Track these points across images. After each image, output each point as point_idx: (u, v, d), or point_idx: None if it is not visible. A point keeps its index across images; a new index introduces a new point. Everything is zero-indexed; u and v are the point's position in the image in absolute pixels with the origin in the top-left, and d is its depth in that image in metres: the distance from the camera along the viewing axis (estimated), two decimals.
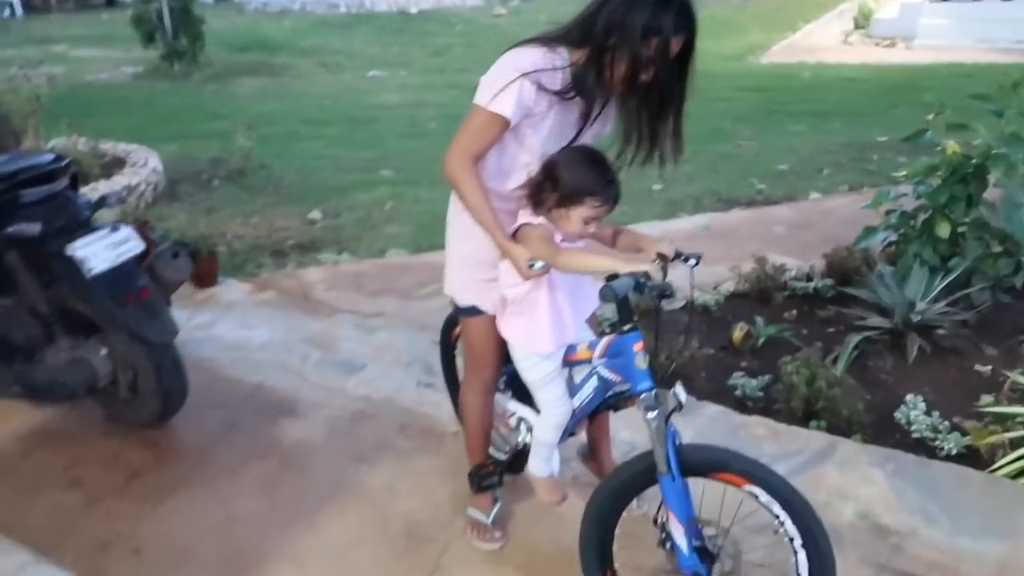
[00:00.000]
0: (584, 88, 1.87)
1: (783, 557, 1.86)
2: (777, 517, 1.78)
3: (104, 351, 2.80)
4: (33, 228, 2.48)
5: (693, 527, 1.90)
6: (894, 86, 9.03)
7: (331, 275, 4.43)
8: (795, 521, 1.77)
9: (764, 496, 1.78)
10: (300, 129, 8.28)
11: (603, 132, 2.11)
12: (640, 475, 1.92)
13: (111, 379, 2.86)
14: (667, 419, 1.87)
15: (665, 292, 1.78)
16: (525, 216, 1.97)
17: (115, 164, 5.95)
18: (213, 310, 3.96)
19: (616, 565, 2.03)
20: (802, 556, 1.77)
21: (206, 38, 11.81)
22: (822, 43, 12.59)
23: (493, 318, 2.15)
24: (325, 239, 5.05)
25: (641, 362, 1.90)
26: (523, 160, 1.99)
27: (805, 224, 4.88)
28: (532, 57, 1.86)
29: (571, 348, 2.11)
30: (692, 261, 1.99)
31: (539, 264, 1.87)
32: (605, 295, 1.80)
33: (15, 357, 2.70)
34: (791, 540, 1.78)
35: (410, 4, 18.52)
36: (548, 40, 1.90)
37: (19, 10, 19.05)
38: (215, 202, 5.82)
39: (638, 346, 1.91)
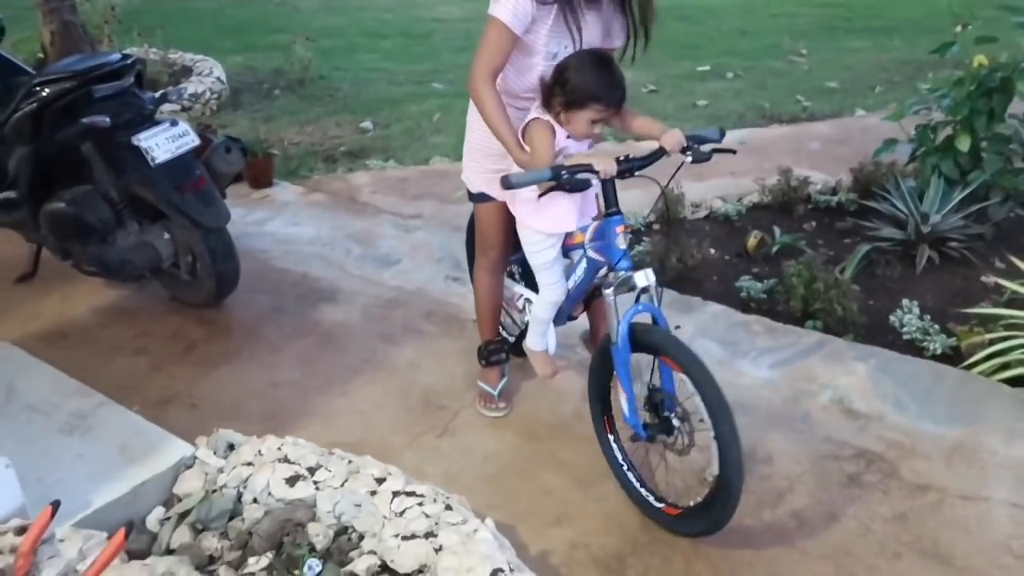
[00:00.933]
0: None
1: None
2: (699, 405, 1.96)
3: (166, 235, 3.16)
4: (104, 120, 2.80)
5: (635, 392, 2.14)
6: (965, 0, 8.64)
7: (377, 179, 4.71)
8: (709, 412, 1.92)
9: (690, 385, 1.98)
10: (359, 42, 8.47)
11: (615, 45, 2.26)
12: (608, 344, 2.17)
13: (173, 261, 3.22)
14: (637, 298, 2.09)
15: (579, 186, 1.97)
16: (535, 112, 2.16)
17: (183, 73, 6.29)
18: (267, 209, 4.30)
19: (613, 412, 2.32)
20: (714, 447, 1.93)
21: None
22: None
23: (501, 204, 2.39)
24: (375, 147, 5.31)
25: (621, 243, 2.11)
26: (534, 62, 2.17)
27: (842, 140, 4.91)
28: None
29: (569, 234, 2.33)
30: (689, 157, 2.13)
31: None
32: (503, 183, 1.98)
33: (91, 238, 3.07)
34: (709, 430, 1.95)
35: None
36: None
37: None
38: (274, 111, 6.12)
39: (619, 229, 2.11)
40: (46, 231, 3.14)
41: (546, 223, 2.26)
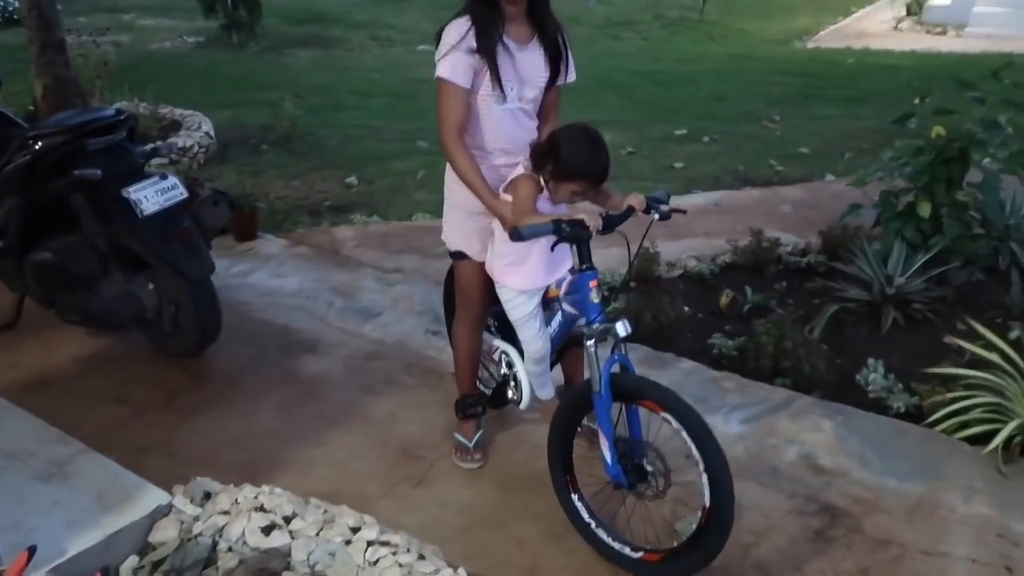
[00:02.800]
0: (480, 27, 2.18)
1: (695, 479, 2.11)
2: (686, 442, 2.06)
3: (151, 286, 3.22)
4: (95, 172, 2.88)
5: (614, 441, 2.21)
6: (936, 74, 8.98)
7: (360, 234, 4.80)
8: (697, 445, 2.02)
9: (675, 423, 2.07)
10: (346, 100, 8.66)
11: (570, 80, 2.43)
12: (584, 395, 2.24)
13: (156, 311, 3.28)
14: (612, 349, 2.18)
15: (580, 237, 2.07)
16: (524, 168, 2.27)
17: (172, 127, 6.41)
18: (251, 261, 4.37)
19: (575, 471, 2.38)
20: (705, 478, 2.03)
21: (264, 10, 12.24)
22: (872, 29, 12.49)
23: (478, 262, 2.48)
24: (359, 202, 5.42)
25: (595, 297, 2.21)
26: (492, 110, 2.29)
27: (813, 204, 5.08)
28: (459, 27, 2.19)
29: (547, 289, 2.43)
30: (656, 216, 2.26)
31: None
32: (513, 235, 2.09)
33: (76, 287, 3.12)
34: (697, 463, 2.05)
35: None
36: (465, 10, 2.23)
37: None
38: (262, 165, 6.23)
39: (593, 283, 2.21)
40: (31, 280, 3.19)
41: (517, 280, 2.36)
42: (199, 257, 3.09)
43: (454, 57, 2.18)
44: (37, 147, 3.00)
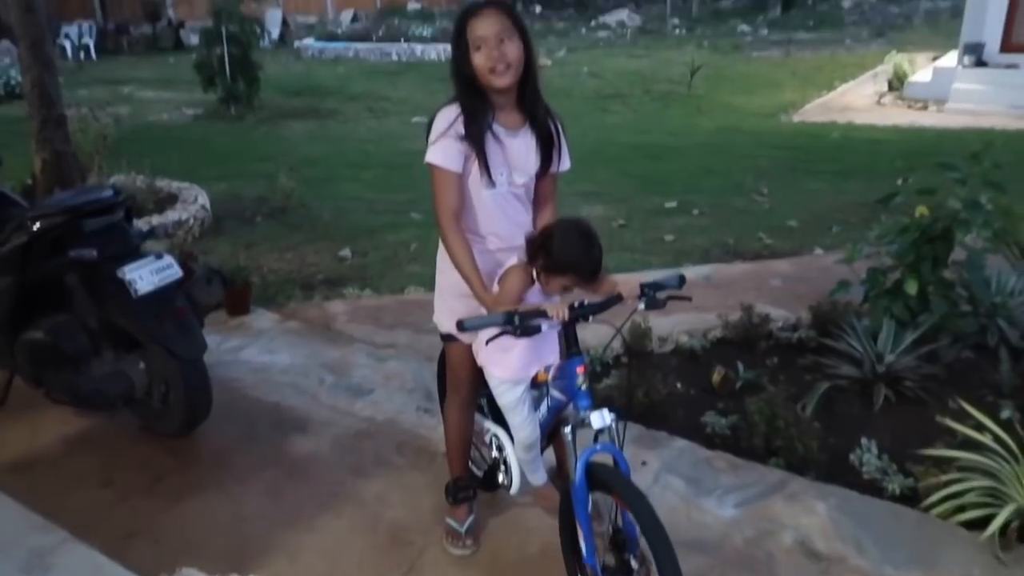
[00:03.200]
0: (470, 116, 2.23)
1: None
2: (645, 549, 2.02)
3: (141, 365, 3.21)
4: (91, 253, 2.90)
5: (592, 532, 2.18)
6: (919, 149, 9.20)
7: (353, 308, 4.81)
8: (653, 550, 1.97)
9: (638, 526, 2.04)
10: (341, 171, 8.79)
11: (564, 168, 2.47)
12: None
13: (146, 391, 3.26)
14: (595, 438, 2.16)
15: (531, 329, 2.08)
16: (518, 260, 2.29)
17: (168, 200, 6.48)
18: (243, 336, 4.36)
19: None
20: None
21: (261, 82, 12.53)
22: (856, 103, 12.81)
23: (468, 345, 2.49)
24: (352, 275, 5.45)
25: (582, 383, 2.20)
26: (482, 195, 2.33)
27: (801, 278, 5.12)
28: (448, 114, 2.24)
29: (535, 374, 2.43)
30: (641, 305, 2.26)
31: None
32: (457, 327, 2.13)
33: (66, 367, 3.11)
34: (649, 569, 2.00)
35: None
36: (455, 98, 2.29)
37: (94, 53, 20.26)
38: (255, 237, 6.28)
39: (580, 369, 2.21)
40: (21, 359, 3.18)
41: (501, 370, 2.37)
42: (191, 336, 3.09)
43: (444, 143, 2.23)
44: (34, 228, 3.02)
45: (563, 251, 2.14)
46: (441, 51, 19.49)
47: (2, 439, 3.33)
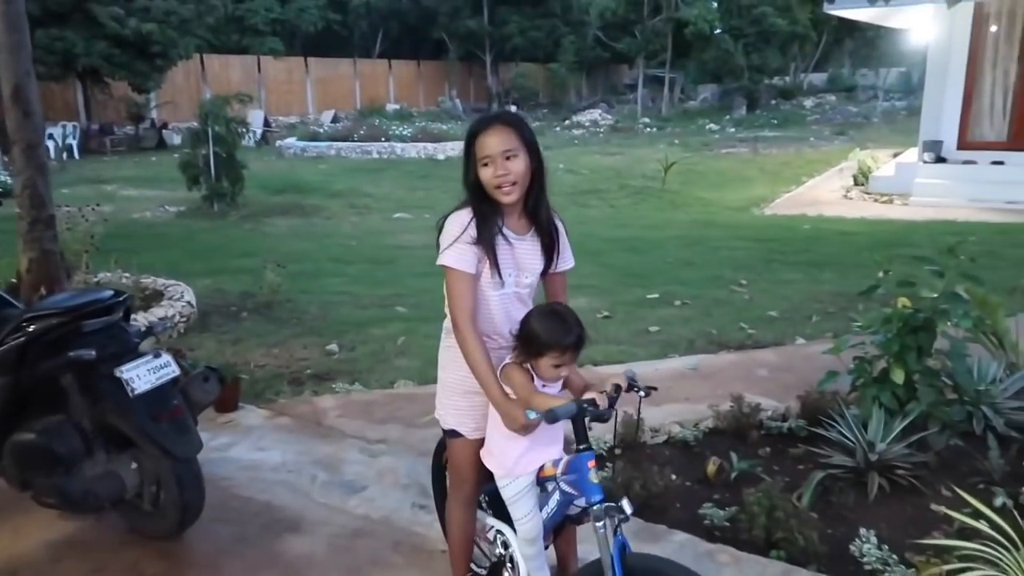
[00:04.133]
0: (481, 221, 2.32)
1: None
2: None
3: (133, 465, 3.16)
4: (89, 353, 2.90)
5: None
6: (887, 241, 9.51)
7: (343, 403, 4.79)
8: None
9: None
10: (325, 267, 8.87)
11: (568, 267, 2.56)
12: None
13: (137, 492, 3.19)
14: (616, 529, 2.17)
15: (603, 416, 2.13)
16: (509, 359, 2.36)
17: (154, 297, 6.48)
18: (232, 433, 4.31)
19: None
20: None
21: (245, 180, 12.73)
22: (824, 197, 13.28)
23: (471, 441, 2.51)
24: (341, 369, 5.44)
25: (593, 477, 2.23)
26: (487, 295, 2.40)
27: (787, 368, 5.21)
28: (461, 219, 2.33)
29: (541, 467, 2.44)
30: (642, 393, 2.33)
31: (533, 415, 2.18)
32: (548, 417, 2.15)
33: (57, 469, 3.05)
34: None
35: (437, 151, 19.75)
36: (465, 203, 2.39)
37: (77, 153, 20.54)
38: (242, 333, 6.27)
39: (591, 463, 2.24)
40: (9, 461, 3.12)
41: (496, 466, 2.40)
42: (187, 436, 3.07)
43: (459, 247, 2.31)
44: (32, 329, 3.02)
45: (541, 330, 2.25)
46: (420, 150, 20.04)
47: None
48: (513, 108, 34.04)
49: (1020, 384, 4.11)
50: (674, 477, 3.77)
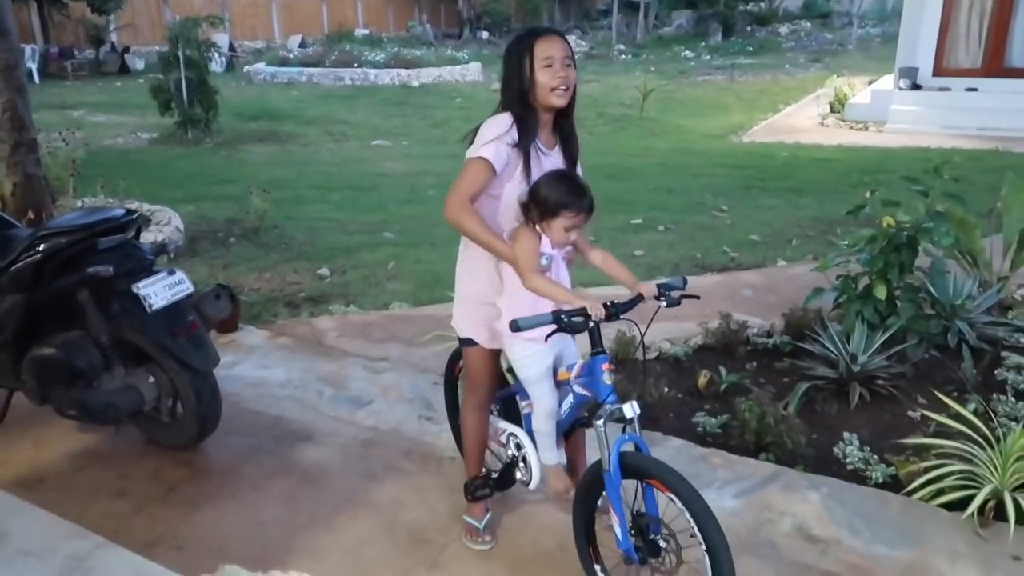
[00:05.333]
0: (522, 126, 2.42)
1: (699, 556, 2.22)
2: (689, 521, 2.19)
3: (151, 378, 3.25)
4: (107, 269, 2.96)
5: (626, 518, 2.34)
6: (863, 167, 9.70)
7: (341, 324, 4.89)
8: (698, 525, 2.15)
9: (679, 503, 2.21)
10: (307, 194, 8.83)
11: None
12: (598, 473, 2.37)
13: (154, 404, 3.30)
14: (623, 429, 2.33)
15: (579, 328, 2.27)
16: (517, 224, 2.45)
17: (142, 222, 6.45)
18: (235, 352, 4.41)
19: (598, 543, 2.51)
20: (707, 559, 2.15)
21: (219, 107, 12.48)
22: (800, 124, 13.37)
23: (486, 350, 2.64)
24: (334, 293, 5.52)
25: (607, 379, 2.37)
26: (500, 204, 2.50)
27: (770, 288, 5.39)
28: (503, 121, 2.43)
29: (555, 371, 2.58)
30: (663, 302, 2.45)
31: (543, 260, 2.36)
32: (511, 327, 2.27)
33: (76, 382, 3.13)
34: (700, 543, 2.17)
35: (412, 78, 19.43)
36: (504, 108, 2.47)
37: (36, 77, 19.84)
38: (231, 258, 6.30)
39: (605, 366, 2.37)
40: (29, 376, 3.19)
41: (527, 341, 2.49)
42: (205, 349, 3.16)
43: (498, 145, 2.39)
44: (45, 247, 3.06)
45: (550, 191, 2.36)
46: (394, 76, 19.67)
47: (6, 456, 3.32)
48: (485, 34, 33.35)
49: (992, 300, 4.34)
50: (667, 390, 3.96)
